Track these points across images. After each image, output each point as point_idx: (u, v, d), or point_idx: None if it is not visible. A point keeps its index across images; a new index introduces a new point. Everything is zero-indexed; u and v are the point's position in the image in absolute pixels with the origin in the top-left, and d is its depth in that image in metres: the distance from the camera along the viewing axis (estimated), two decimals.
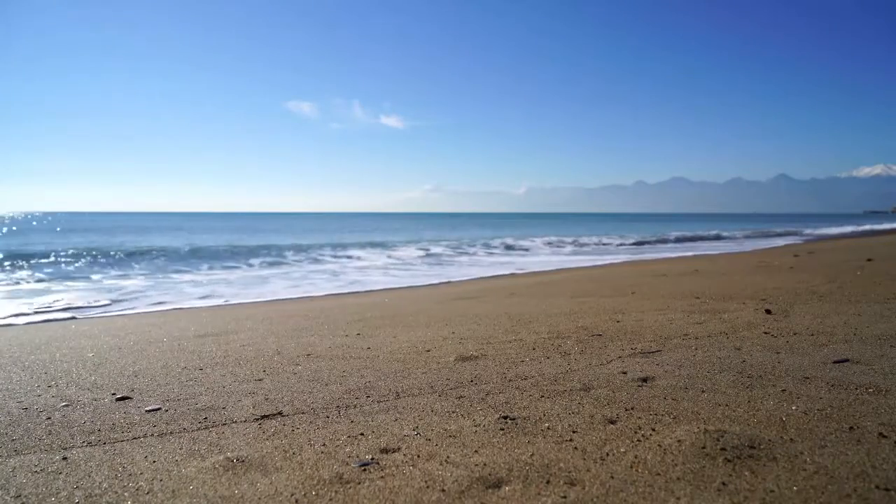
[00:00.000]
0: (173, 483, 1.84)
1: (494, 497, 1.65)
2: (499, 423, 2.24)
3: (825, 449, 1.86)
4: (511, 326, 4.49)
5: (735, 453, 1.84)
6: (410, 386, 2.88)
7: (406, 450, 2.02)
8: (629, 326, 4.26)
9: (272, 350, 3.92)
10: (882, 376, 2.68)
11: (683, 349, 3.43)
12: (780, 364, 2.97)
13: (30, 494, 1.80)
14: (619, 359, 3.26)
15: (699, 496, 1.59)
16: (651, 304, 5.43)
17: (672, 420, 2.19)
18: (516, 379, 2.92)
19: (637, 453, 1.89)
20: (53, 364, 3.67)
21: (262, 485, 1.79)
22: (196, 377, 3.22)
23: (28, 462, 2.07)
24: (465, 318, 5.07)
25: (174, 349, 4.08)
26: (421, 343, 3.97)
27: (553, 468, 1.81)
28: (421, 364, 3.34)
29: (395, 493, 1.70)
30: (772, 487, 1.62)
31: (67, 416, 2.58)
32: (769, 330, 3.90)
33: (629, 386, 2.69)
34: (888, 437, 1.94)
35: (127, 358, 3.81)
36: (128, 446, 2.19)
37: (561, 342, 3.78)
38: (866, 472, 1.69)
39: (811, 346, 3.38)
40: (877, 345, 3.34)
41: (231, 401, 2.73)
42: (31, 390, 3.04)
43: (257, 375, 3.21)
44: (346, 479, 1.80)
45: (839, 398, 2.37)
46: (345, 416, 2.45)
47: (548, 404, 2.47)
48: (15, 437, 2.32)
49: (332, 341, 4.17)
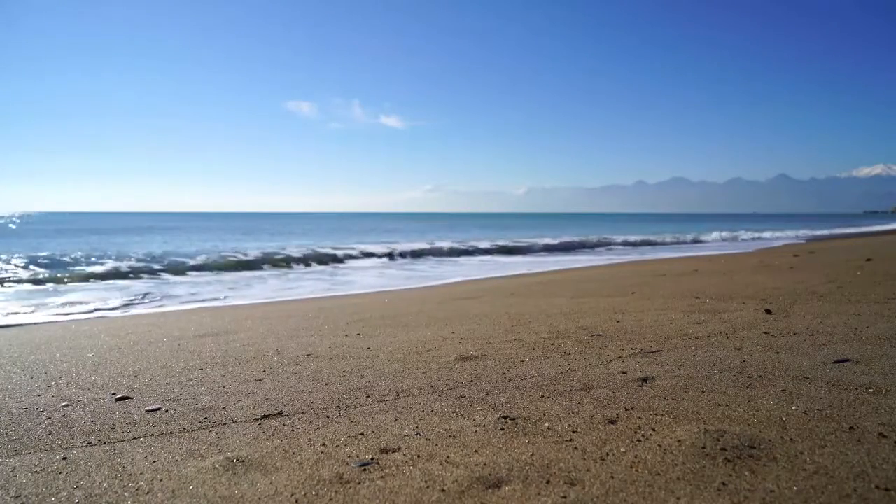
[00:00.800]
0: (173, 483, 1.84)
1: (494, 497, 1.65)
2: (499, 423, 2.24)
3: (825, 449, 1.86)
4: (511, 326, 4.49)
5: (735, 453, 1.84)
6: (410, 386, 2.88)
7: (406, 450, 2.02)
8: (629, 326, 4.26)
9: (272, 350, 3.92)
10: (882, 376, 2.68)
11: (683, 349, 3.43)
12: (780, 364, 2.97)
13: (30, 494, 1.80)
14: (619, 359, 3.26)
15: (699, 496, 1.59)
16: (651, 304, 5.43)
17: (672, 420, 2.19)
18: (516, 379, 2.92)
19: (637, 453, 1.89)
20: (53, 364, 3.67)
21: (262, 485, 1.79)
22: (196, 377, 3.22)
23: (28, 462, 2.07)
24: (465, 318, 5.07)
25: (174, 349, 4.08)
26: (421, 343, 3.97)
27: (553, 468, 1.81)
28: (421, 364, 3.34)
29: (395, 493, 1.70)
30: (772, 487, 1.62)
31: (67, 416, 2.58)
32: (769, 330, 3.90)
33: (629, 386, 2.69)
34: (888, 437, 1.94)
35: (127, 358, 3.81)
36: (128, 446, 2.19)
37: (561, 342, 3.78)
38: (866, 472, 1.69)
39: (811, 346, 3.38)
40: (877, 345, 3.34)
41: (231, 401, 2.73)
42: (31, 390, 3.04)
43: (257, 375, 3.21)
44: (346, 479, 1.80)
45: (839, 398, 2.37)
46: (345, 416, 2.45)
47: (548, 404, 2.47)
48: (15, 437, 2.32)
49: (332, 341, 4.17)
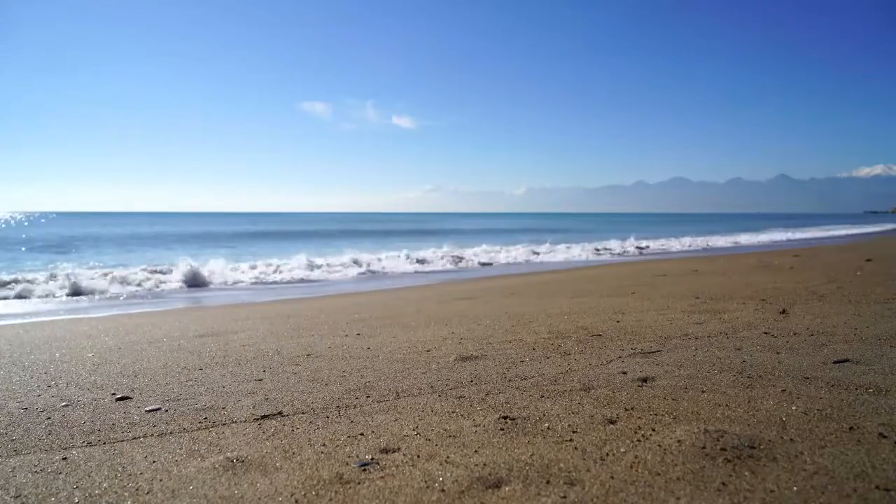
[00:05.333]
0: (173, 483, 1.84)
1: (494, 497, 1.65)
2: (499, 423, 2.24)
3: (825, 449, 1.86)
4: (511, 326, 4.49)
5: (735, 453, 1.84)
6: (410, 386, 2.88)
7: (406, 450, 2.02)
8: (629, 326, 4.26)
9: (272, 350, 3.92)
10: (882, 376, 2.68)
11: (683, 349, 3.42)
12: (780, 364, 2.97)
13: (30, 494, 1.80)
14: (619, 359, 3.26)
15: (699, 496, 1.59)
16: (651, 304, 5.43)
17: (672, 420, 2.19)
18: (516, 379, 2.92)
19: (637, 453, 1.89)
20: (53, 364, 3.67)
21: (262, 485, 1.79)
22: (196, 377, 3.22)
23: (28, 462, 2.07)
24: (465, 318, 5.07)
25: (174, 349, 4.08)
26: (421, 343, 3.97)
27: (553, 468, 1.81)
28: (421, 364, 3.34)
29: (395, 493, 1.70)
30: (772, 487, 1.62)
31: (67, 416, 2.58)
32: (769, 330, 3.90)
33: (629, 386, 2.69)
34: (888, 437, 1.94)
35: (127, 358, 3.81)
36: (128, 446, 2.19)
37: (561, 342, 3.78)
38: (866, 472, 1.69)
39: (811, 346, 3.38)
40: (877, 345, 3.34)
41: (231, 401, 2.73)
42: (31, 390, 3.04)
43: (257, 375, 3.21)
44: (346, 479, 1.80)
45: (839, 398, 2.37)
46: (345, 416, 2.45)
47: (548, 404, 2.46)
48: (15, 437, 2.32)
49: (332, 341, 4.16)
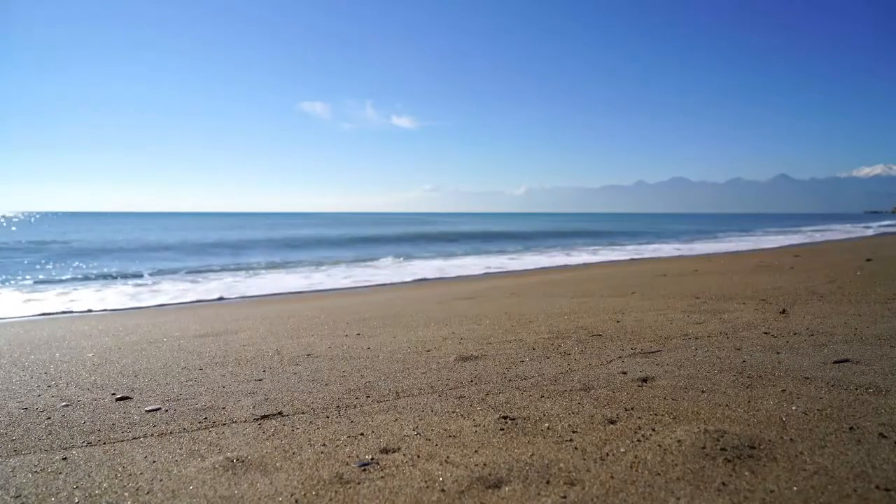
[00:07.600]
0: (173, 483, 1.84)
1: (494, 497, 1.65)
2: (499, 423, 2.24)
3: (825, 449, 1.86)
4: (511, 326, 4.49)
5: (735, 453, 1.84)
6: (410, 386, 2.88)
7: (406, 450, 2.02)
8: (629, 326, 4.26)
9: (272, 350, 3.92)
10: (882, 376, 2.67)
11: (683, 349, 3.42)
12: (780, 364, 2.97)
13: (30, 494, 1.80)
14: (619, 359, 3.26)
15: (699, 496, 1.59)
16: (651, 304, 5.43)
17: (672, 420, 2.19)
18: (516, 379, 2.92)
19: (637, 453, 1.89)
20: (53, 364, 3.67)
21: (262, 485, 1.79)
22: (196, 377, 3.22)
23: (28, 462, 2.06)
24: (465, 318, 5.07)
25: (174, 349, 4.08)
26: (421, 343, 3.97)
27: (553, 468, 1.81)
28: (421, 364, 3.34)
29: (395, 493, 1.70)
30: (772, 487, 1.62)
31: (67, 416, 2.58)
32: (769, 330, 3.90)
33: (629, 386, 2.69)
34: (888, 437, 1.94)
35: (127, 358, 3.81)
36: (128, 446, 2.19)
37: (561, 342, 3.78)
38: (866, 472, 1.69)
39: (811, 346, 3.38)
40: (877, 345, 3.34)
41: (231, 401, 2.73)
42: (31, 390, 3.04)
43: (257, 375, 3.21)
44: (346, 479, 1.80)
45: (839, 398, 2.37)
46: (345, 416, 2.45)
47: (548, 404, 2.47)
48: (15, 437, 2.32)
49: (332, 341, 4.17)
